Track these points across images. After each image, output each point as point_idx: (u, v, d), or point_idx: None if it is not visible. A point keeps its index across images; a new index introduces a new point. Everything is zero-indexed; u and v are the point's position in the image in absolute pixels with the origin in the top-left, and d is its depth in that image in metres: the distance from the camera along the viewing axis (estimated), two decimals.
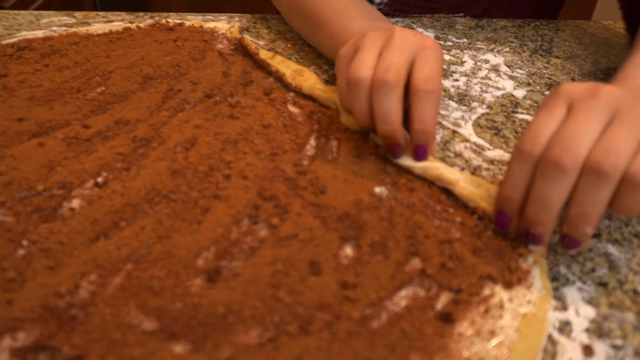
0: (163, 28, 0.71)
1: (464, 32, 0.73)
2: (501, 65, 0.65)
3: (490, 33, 0.73)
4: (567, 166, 0.35)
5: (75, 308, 0.35)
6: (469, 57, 0.67)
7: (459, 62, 0.66)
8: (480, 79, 0.62)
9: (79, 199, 0.44)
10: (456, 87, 0.61)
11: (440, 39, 0.71)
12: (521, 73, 0.64)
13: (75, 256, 0.39)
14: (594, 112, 0.36)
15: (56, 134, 0.51)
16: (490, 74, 0.64)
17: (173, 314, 0.35)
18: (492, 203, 0.42)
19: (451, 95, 0.59)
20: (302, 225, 0.41)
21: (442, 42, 0.70)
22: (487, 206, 0.42)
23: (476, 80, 0.62)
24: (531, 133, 0.38)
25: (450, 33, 0.73)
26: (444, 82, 0.62)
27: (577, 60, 0.68)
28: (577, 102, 0.37)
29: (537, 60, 0.67)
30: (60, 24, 0.74)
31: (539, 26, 0.75)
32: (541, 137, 0.37)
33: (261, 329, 0.34)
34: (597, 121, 0.36)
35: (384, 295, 0.36)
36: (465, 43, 0.70)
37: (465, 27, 0.74)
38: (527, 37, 0.72)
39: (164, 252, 0.39)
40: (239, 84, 0.60)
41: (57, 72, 0.61)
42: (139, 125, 0.53)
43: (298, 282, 0.37)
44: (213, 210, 0.42)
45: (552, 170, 0.35)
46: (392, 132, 0.45)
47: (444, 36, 0.72)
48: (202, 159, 0.48)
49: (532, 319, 0.35)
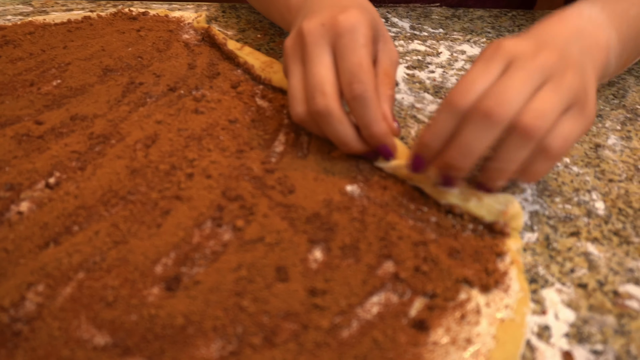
0: (126, 17, 0.67)
1: (440, 22, 0.71)
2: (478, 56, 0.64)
3: (466, 23, 0.71)
4: (497, 119, 0.36)
5: (20, 322, 0.33)
6: (445, 48, 0.65)
7: (434, 53, 0.64)
8: (457, 71, 0.60)
9: (28, 201, 0.41)
10: (432, 79, 0.59)
11: (415, 29, 0.69)
12: None
13: (21, 265, 0.36)
14: (531, 74, 0.37)
15: (5, 131, 0.47)
16: (467, 65, 0.62)
17: (127, 327, 0.32)
18: (464, 200, 0.41)
19: (427, 88, 0.57)
20: (268, 228, 0.39)
21: (417, 33, 0.68)
22: (460, 203, 0.41)
23: (452, 72, 0.60)
24: (463, 86, 0.38)
25: (426, 23, 0.70)
26: (419, 73, 0.60)
27: None
28: (516, 61, 0.38)
29: None
30: (15, 12, 0.70)
31: (516, 16, 0.73)
32: (472, 92, 0.37)
33: (223, 342, 0.32)
34: (532, 82, 0.37)
35: (355, 302, 0.34)
36: (441, 33, 0.68)
37: (441, 17, 0.72)
38: (504, 27, 0.71)
39: (119, 258, 0.36)
40: (205, 77, 0.57)
41: (9, 64, 0.57)
42: (97, 120, 0.49)
43: (263, 289, 0.35)
44: (174, 212, 0.40)
45: (481, 121, 0.36)
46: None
47: (419, 26, 0.70)
48: (163, 156, 0.45)
49: (509, 325, 0.33)
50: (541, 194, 0.44)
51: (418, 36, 0.67)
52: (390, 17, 0.72)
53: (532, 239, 0.40)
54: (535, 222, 0.41)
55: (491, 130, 0.36)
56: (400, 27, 0.70)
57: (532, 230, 0.41)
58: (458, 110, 0.37)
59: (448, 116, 0.38)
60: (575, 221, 0.41)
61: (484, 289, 0.35)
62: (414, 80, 0.58)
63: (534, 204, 0.43)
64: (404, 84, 0.58)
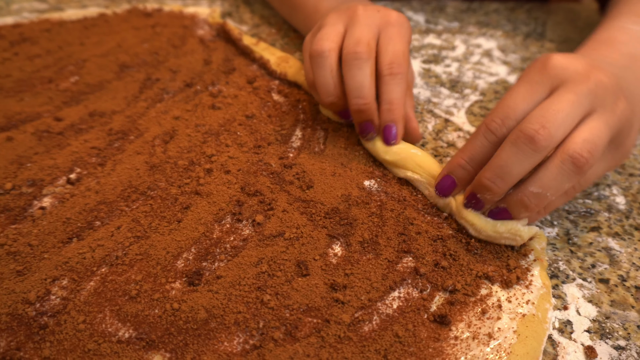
0: (140, 13, 0.68)
1: (455, 15, 0.70)
2: (494, 49, 0.63)
3: (482, 16, 0.70)
4: (541, 144, 0.33)
5: (46, 316, 0.33)
6: (460, 42, 0.64)
7: (450, 47, 0.63)
8: (473, 65, 0.60)
9: (50, 197, 0.41)
10: (448, 73, 0.58)
11: (430, 22, 0.69)
12: (515, 58, 0.62)
13: (45, 259, 0.36)
14: (581, 98, 0.34)
15: (26, 128, 0.48)
16: (483, 59, 0.61)
17: (151, 321, 0.33)
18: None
19: (443, 82, 0.57)
20: (288, 223, 0.39)
21: (432, 26, 0.68)
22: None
23: (468, 66, 0.60)
24: (503, 110, 0.36)
25: (441, 16, 0.70)
26: (435, 68, 0.59)
27: (572, 44, 0.66)
28: (566, 83, 0.35)
29: (531, 45, 0.65)
30: (31, 9, 0.70)
31: (531, 9, 0.73)
32: (512, 117, 0.35)
33: (245, 336, 0.32)
34: (582, 108, 0.34)
35: (375, 297, 0.34)
36: (457, 27, 0.68)
37: (456, 11, 0.72)
38: (520, 20, 0.70)
39: (141, 253, 0.37)
40: (220, 72, 0.57)
41: (27, 61, 0.57)
42: (115, 117, 0.50)
43: (284, 283, 0.35)
44: (193, 207, 0.40)
45: (524, 144, 0.34)
46: (366, 106, 0.42)
47: (434, 20, 0.69)
48: (181, 152, 0.45)
49: (531, 320, 0.33)
50: None
51: (433, 30, 0.67)
52: (405, 10, 0.72)
53: (552, 234, 0.40)
54: (555, 217, 0.41)
55: (533, 155, 0.34)
56: (415, 20, 0.69)
57: (552, 225, 0.40)
58: (495, 136, 0.36)
59: (485, 141, 0.36)
60: (595, 216, 0.41)
61: (505, 284, 0.35)
62: (430, 75, 0.58)
63: None
64: (420, 78, 0.58)
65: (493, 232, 0.36)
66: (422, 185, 0.42)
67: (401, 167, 0.43)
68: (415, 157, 0.43)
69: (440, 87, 0.56)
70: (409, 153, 0.43)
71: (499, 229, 0.36)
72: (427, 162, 0.42)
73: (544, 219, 0.41)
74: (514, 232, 0.36)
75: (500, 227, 0.36)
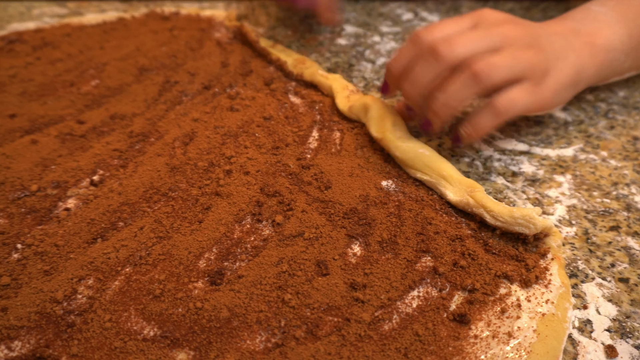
0: (158, 17, 0.69)
1: None
2: None
3: None
4: (442, 58, 0.40)
5: (73, 315, 0.34)
6: None
7: None
8: None
9: (74, 198, 0.42)
10: None
11: None
12: None
13: (71, 259, 0.37)
14: (490, 35, 0.42)
15: (49, 131, 0.49)
16: None
17: (175, 319, 0.33)
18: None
19: None
20: (307, 223, 0.39)
21: None
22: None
23: None
24: (432, 27, 0.43)
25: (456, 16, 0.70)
26: None
27: None
28: (483, 22, 0.43)
29: None
30: (52, 14, 0.72)
31: (547, 8, 0.72)
32: (435, 33, 0.42)
33: (267, 334, 0.33)
34: (488, 41, 0.41)
35: (395, 296, 0.35)
36: None
37: (471, 10, 0.72)
38: (536, 19, 0.70)
39: (164, 253, 0.37)
40: (238, 74, 0.58)
41: (49, 65, 0.58)
42: (135, 119, 0.51)
43: (305, 283, 0.35)
44: (214, 208, 0.41)
45: (429, 56, 0.41)
46: None
47: None
48: (201, 154, 0.46)
49: (551, 319, 0.33)
50: (579, 187, 0.44)
51: None
52: (420, 11, 0.72)
53: (570, 233, 0.40)
54: (574, 216, 0.41)
55: (434, 66, 0.41)
56: (430, 21, 0.69)
57: (570, 225, 0.41)
58: (418, 44, 0.42)
59: (409, 49, 0.43)
60: (614, 215, 0.41)
61: (524, 284, 0.35)
62: None
63: (571, 198, 0.43)
64: None
65: (509, 217, 0.37)
66: (433, 186, 0.43)
67: (410, 166, 0.44)
68: (423, 157, 0.43)
69: None
70: (417, 152, 0.43)
71: (514, 214, 0.37)
72: (435, 162, 0.43)
73: (561, 218, 0.41)
74: (529, 219, 0.37)
75: (516, 212, 0.37)
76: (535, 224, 0.37)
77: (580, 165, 0.46)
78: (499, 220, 0.38)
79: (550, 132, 0.50)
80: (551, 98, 0.44)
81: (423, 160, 0.43)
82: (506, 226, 0.38)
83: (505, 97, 0.41)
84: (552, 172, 0.45)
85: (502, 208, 0.38)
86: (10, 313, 0.34)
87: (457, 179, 0.41)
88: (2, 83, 0.55)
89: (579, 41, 0.46)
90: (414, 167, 0.43)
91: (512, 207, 0.38)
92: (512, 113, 0.42)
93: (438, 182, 0.42)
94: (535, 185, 0.44)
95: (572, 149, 0.48)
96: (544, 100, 0.44)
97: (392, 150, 0.45)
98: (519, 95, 0.42)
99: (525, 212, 0.37)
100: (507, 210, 0.38)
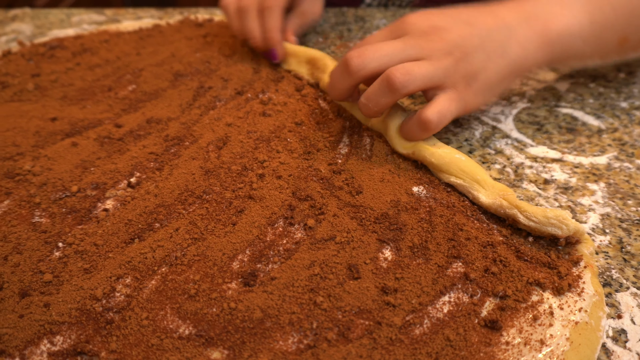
0: (192, 24, 0.70)
1: None
2: None
3: None
4: (352, 68, 0.44)
5: (112, 312, 0.35)
6: None
7: None
8: None
9: (112, 199, 0.44)
10: None
11: None
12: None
13: (110, 258, 0.38)
14: (406, 47, 0.44)
15: (89, 134, 0.50)
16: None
17: (209, 319, 0.34)
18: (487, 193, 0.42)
19: None
20: (339, 227, 0.40)
21: None
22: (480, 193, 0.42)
23: None
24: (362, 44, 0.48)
25: None
26: None
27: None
28: (405, 34, 0.45)
29: None
30: (90, 21, 0.74)
31: None
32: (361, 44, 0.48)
33: (299, 335, 0.33)
34: (404, 53, 0.44)
35: (426, 301, 0.35)
36: None
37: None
38: None
39: (198, 254, 0.38)
40: (270, 80, 0.59)
41: (88, 71, 0.60)
42: (171, 123, 0.52)
43: (336, 286, 0.36)
44: (247, 211, 0.42)
45: (343, 65, 0.45)
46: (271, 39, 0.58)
47: None
48: (235, 158, 0.47)
49: (584, 328, 0.33)
50: (613, 196, 0.43)
51: None
52: None
53: (604, 242, 0.39)
54: (607, 225, 0.41)
55: (348, 76, 0.45)
56: None
57: (604, 233, 0.40)
58: None
59: None
60: None
61: (556, 291, 0.35)
62: None
63: (605, 206, 0.42)
64: None
65: (542, 217, 0.38)
66: (466, 190, 0.43)
67: (445, 171, 0.44)
68: (459, 162, 0.43)
69: None
70: (453, 158, 0.44)
71: (548, 213, 0.37)
72: (470, 167, 0.43)
73: (595, 227, 0.41)
74: (562, 219, 0.37)
75: (549, 212, 0.37)
76: (568, 225, 0.37)
77: (614, 174, 0.46)
78: (532, 221, 0.38)
79: (583, 139, 0.50)
80: (481, 98, 0.47)
81: (459, 165, 0.43)
82: (539, 227, 0.38)
83: (431, 110, 0.43)
84: (585, 180, 0.45)
85: (536, 208, 0.38)
86: (52, 309, 0.35)
87: (491, 183, 0.41)
88: (44, 87, 0.57)
89: (530, 30, 0.46)
90: (448, 171, 0.44)
91: (545, 208, 0.38)
92: (441, 125, 0.44)
93: (471, 185, 0.42)
94: (568, 193, 0.44)
95: (605, 157, 0.48)
96: (472, 103, 0.46)
97: (427, 157, 0.45)
98: (446, 105, 0.44)
99: (558, 212, 0.37)
100: (541, 210, 0.38)
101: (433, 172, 0.45)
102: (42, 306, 0.35)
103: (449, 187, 0.44)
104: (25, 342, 0.33)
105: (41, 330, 0.34)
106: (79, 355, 0.33)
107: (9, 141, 0.49)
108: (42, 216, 0.42)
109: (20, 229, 0.41)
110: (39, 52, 0.64)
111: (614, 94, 0.56)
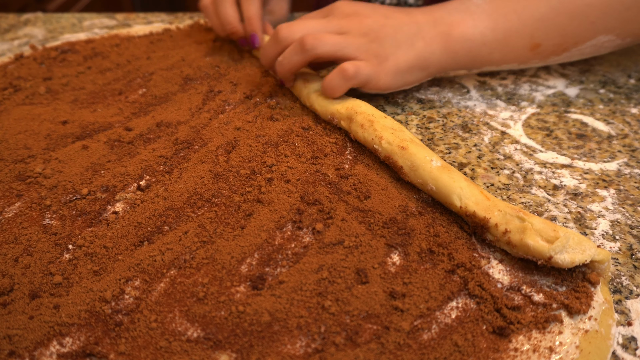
0: (202, 29, 0.71)
1: None
2: None
3: None
4: (279, 38, 0.52)
5: (121, 314, 0.35)
6: None
7: None
8: (529, 77, 0.60)
9: (122, 202, 0.44)
10: (504, 86, 0.58)
11: None
12: (573, 70, 0.61)
13: (119, 261, 0.39)
14: (329, 25, 0.52)
15: (99, 137, 0.51)
16: (540, 71, 0.61)
17: (218, 322, 0.34)
18: None
19: (499, 95, 0.57)
20: (347, 231, 0.40)
21: None
22: None
23: (525, 79, 0.60)
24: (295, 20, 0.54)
25: None
26: (490, 81, 0.59)
27: (634, 56, 0.64)
28: (334, 13, 0.53)
29: (591, 57, 0.64)
30: (101, 25, 0.75)
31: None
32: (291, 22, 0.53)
33: (307, 339, 0.33)
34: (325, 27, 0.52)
35: (434, 306, 0.35)
36: None
37: None
38: None
39: (207, 257, 0.39)
40: (277, 85, 0.59)
41: (99, 75, 0.61)
42: (180, 127, 0.52)
43: (344, 290, 0.36)
44: (256, 214, 0.42)
45: (274, 35, 0.53)
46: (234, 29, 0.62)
47: None
48: (243, 161, 0.47)
49: (594, 336, 0.33)
50: (623, 202, 0.43)
51: None
52: None
53: (614, 249, 0.39)
54: (617, 231, 0.41)
55: (276, 44, 0.53)
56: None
57: (614, 240, 0.40)
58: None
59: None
60: None
61: (566, 299, 0.35)
62: (486, 87, 0.58)
63: (615, 213, 0.42)
64: (476, 91, 0.58)
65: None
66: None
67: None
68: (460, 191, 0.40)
69: (496, 99, 0.56)
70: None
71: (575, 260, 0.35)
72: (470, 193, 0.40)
73: (604, 233, 0.40)
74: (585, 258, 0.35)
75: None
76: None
77: (624, 180, 0.45)
78: None
79: (593, 145, 0.50)
80: (391, 77, 0.52)
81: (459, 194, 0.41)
82: None
83: (349, 63, 0.50)
84: (595, 186, 0.45)
85: None
86: (62, 310, 0.35)
87: None
88: (56, 91, 0.58)
89: (435, 31, 0.52)
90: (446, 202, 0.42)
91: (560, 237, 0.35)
92: (357, 77, 0.50)
93: None
94: (578, 199, 0.44)
95: (615, 163, 0.47)
96: (383, 80, 0.51)
97: (427, 181, 0.43)
98: (361, 65, 0.50)
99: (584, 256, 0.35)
100: None
101: None
102: (52, 308, 0.35)
103: None
104: (35, 344, 0.33)
105: (51, 331, 0.34)
106: (88, 357, 0.33)
107: (21, 144, 0.50)
108: (52, 218, 0.42)
109: (30, 230, 0.41)
110: (51, 56, 0.65)
111: (624, 100, 0.56)
